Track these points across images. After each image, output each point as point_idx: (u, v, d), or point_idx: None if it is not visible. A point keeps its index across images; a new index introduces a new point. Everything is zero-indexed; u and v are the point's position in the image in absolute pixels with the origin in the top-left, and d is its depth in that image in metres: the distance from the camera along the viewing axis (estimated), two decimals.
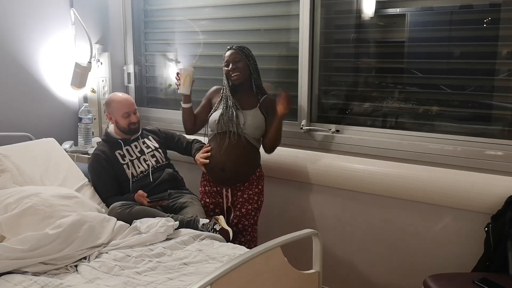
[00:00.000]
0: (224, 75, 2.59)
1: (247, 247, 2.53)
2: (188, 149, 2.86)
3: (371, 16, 2.65)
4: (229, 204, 2.64)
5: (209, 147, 2.61)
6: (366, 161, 2.61)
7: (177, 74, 2.65)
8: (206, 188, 2.69)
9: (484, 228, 2.21)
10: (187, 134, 2.79)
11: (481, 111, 2.45)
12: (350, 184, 2.64)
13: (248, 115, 2.54)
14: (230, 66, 2.54)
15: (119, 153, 2.71)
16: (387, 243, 2.62)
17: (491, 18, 2.37)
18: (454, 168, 2.39)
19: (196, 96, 2.81)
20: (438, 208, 2.43)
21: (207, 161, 2.58)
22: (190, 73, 2.61)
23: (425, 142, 2.49)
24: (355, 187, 2.63)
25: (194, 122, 2.71)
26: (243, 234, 2.60)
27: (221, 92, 2.64)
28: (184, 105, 2.67)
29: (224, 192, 2.63)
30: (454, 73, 2.50)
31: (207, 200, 2.69)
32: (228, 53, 2.56)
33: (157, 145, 2.82)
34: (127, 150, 2.73)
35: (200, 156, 2.61)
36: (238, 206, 2.59)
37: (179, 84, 2.63)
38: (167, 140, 2.90)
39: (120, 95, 2.78)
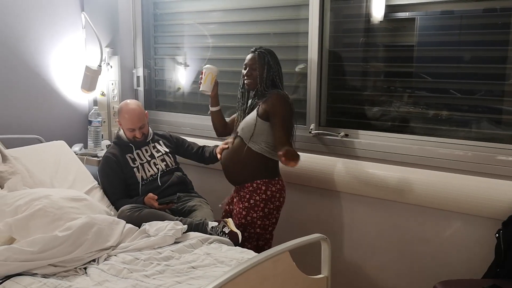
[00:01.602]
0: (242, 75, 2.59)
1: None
2: (198, 154, 2.87)
3: (380, 20, 2.64)
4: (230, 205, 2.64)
5: (229, 141, 2.61)
6: (375, 165, 2.60)
7: (201, 73, 2.65)
8: None
9: (495, 234, 2.19)
10: (218, 136, 2.80)
11: (491, 115, 2.43)
12: (358, 189, 2.63)
13: (246, 118, 2.53)
14: (246, 70, 2.53)
15: (129, 157, 2.72)
16: (396, 249, 2.61)
17: (502, 22, 2.36)
18: (465, 174, 2.37)
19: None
20: (448, 213, 2.41)
21: (224, 149, 2.61)
22: (213, 72, 2.60)
23: (435, 147, 2.47)
24: (364, 192, 2.62)
25: (224, 124, 2.74)
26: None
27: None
28: (211, 108, 2.72)
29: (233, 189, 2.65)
30: (464, 78, 2.49)
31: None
32: (249, 56, 2.53)
33: (167, 150, 2.83)
34: (137, 153, 2.74)
35: (220, 147, 2.65)
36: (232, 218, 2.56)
37: (201, 82, 2.62)
38: (177, 146, 2.91)
39: (131, 107, 2.73)
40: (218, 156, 2.66)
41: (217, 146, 2.76)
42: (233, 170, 2.56)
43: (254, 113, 2.49)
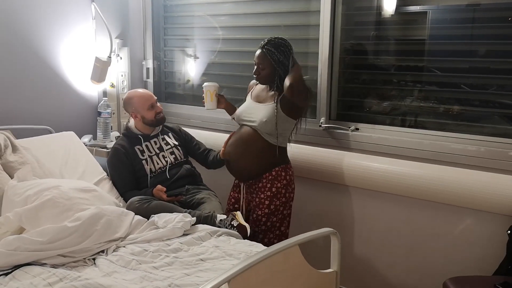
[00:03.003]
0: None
1: (262, 237, 2.53)
2: (203, 155, 2.86)
3: (392, 13, 2.61)
4: (244, 201, 2.61)
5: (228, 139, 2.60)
6: (386, 160, 2.58)
7: (203, 92, 2.67)
8: (235, 181, 2.70)
9: (507, 231, 2.17)
10: None
11: (504, 111, 2.40)
12: (369, 184, 2.61)
13: (262, 109, 2.49)
14: (255, 69, 2.49)
15: (138, 148, 2.72)
16: (406, 244, 2.59)
17: None
18: (477, 169, 2.34)
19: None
20: (459, 209, 2.39)
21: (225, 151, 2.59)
22: (211, 89, 2.64)
23: (447, 142, 2.45)
24: (374, 187, 2.60)
25: None
26: (255, 239, 2.54)
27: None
28: (231, 117, 2.74)
29: (241, 186, 2.62)
30: (476, 72, 2.46)
31: (231, 193, 2.71)
32: (257, 53, 2.47)
33: (176, 143, 2.83)
34: (146, 146, 2.74)
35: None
36: (251, 210, 2.58)
37: (203, 101, 2.68)
38: (186, 142, 2.90)
39: (138, 90, 2.81)
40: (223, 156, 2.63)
41: (217, 154, 2.75)
42: (247, 166, 2.53)
43: (272, 107, 2.45)
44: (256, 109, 2.51)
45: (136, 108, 2.72)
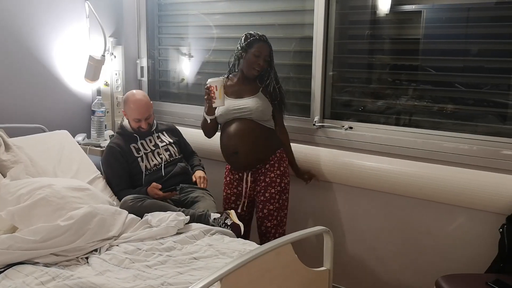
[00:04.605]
0: (239, 59, 2.58)
1: (274, 232, 2.58)
2: (188, 156, 2.92)
3: (386, 12, 2.62)
4: (249, 190, 2.63)
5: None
6: (379, 159, 2.58)
7: (208, 88, 2.49)
8: (228, 178, 2.71)
9: (499, 229, 2.18)
10: (207, 137, 2.77)
11: (497, 110, 2.41)
12: (362, 182, 2.61)
13: (252, 101, 2.55)
14: (261, 61, 2.52)
15: (133, 146, 2.72)
16: (399, 242, 2.60)
17: (509, 15, 2.33)
18: (469, 168, 2.36)
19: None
20: (452, 207, 2.40)
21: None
22: (223, 84, 2.51)
23: (440, 141, 2.46)
24: (367, 185, 2.61)
25: (216, 130, 2.72)
26: (269, 219, 2.57)
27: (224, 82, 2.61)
28: (210, 117, 2.61)
29: (245, 177, 2.63)
30: (470, 71, 2.47)
31: (228, 191, 2.71)
32: (263, 45, 2.51)
33: (171, 140, 2.83)
34: (141, 143, 2.74)
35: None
36: (262, 191, 2.58)
37: (215, 98, 2.47)
38: (179, 141, 2.91)
39: (137, 97, 2.71)
40: (201, 184, 2.69)
41: (198, 168, 2.82)
42: (255, 152, 2.56)
43: (264, 98, 2.56)
44: (244, 103, 2.55)
45: (126, 111, 2.74)
